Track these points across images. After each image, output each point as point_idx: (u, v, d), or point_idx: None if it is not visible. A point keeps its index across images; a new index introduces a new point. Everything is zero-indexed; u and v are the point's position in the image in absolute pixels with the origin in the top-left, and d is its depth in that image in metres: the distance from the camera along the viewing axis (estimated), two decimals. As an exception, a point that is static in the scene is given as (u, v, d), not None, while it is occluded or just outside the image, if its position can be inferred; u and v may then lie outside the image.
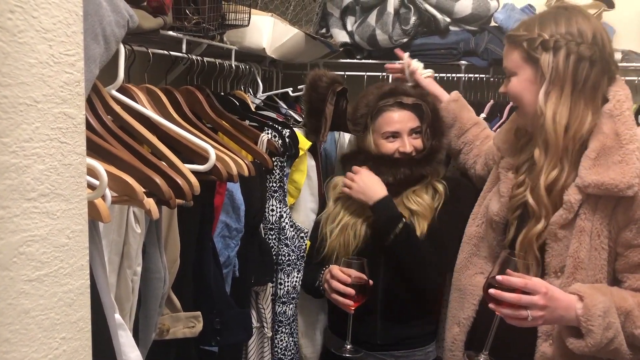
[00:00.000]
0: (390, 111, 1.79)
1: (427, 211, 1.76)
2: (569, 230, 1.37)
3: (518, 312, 1.27)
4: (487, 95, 2.48)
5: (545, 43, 1.36)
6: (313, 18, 2.38)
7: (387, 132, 1.78)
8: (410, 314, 1.80)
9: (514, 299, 1.27)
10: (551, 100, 1.36)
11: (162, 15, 1.40)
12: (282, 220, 1.73)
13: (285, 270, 1.77)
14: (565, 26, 1.37)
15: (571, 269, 1.36)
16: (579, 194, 1.35)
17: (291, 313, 1.80)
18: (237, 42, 1.91)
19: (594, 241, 1.35)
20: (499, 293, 1.28)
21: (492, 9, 2.37)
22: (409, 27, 2.35)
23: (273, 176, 1.70)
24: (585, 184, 1.33)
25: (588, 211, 1.35)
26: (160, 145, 1.19)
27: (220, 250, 1.47)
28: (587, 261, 1.35)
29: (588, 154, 1.35)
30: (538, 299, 1.26)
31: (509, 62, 1.45)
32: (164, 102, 1.41)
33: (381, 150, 1.79)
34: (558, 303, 1.28)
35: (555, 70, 1.35)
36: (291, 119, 2.01)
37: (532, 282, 1.28)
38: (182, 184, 1.08)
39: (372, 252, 1.74)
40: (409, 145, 1.77)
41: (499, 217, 1.52)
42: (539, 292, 1.26)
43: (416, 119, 1.80)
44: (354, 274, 1.60)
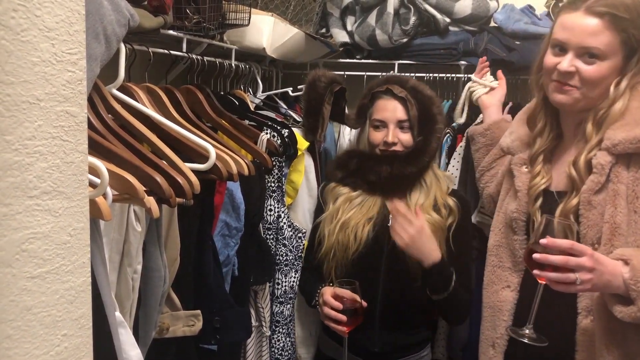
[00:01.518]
0: (382, 99, 1.79)
1: (438, 230, 1.72)
2: (603, 195, 1.31)
3: (566, 276, 1.19)
4: (486, 95, 2.48)
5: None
6: (313, 18, 2.39)
7: (375, 120, 1.77)
8: (408, 321, 1.78)
9: (561, 261, 1.18)
10: (629, 91, 1.32)
11: (162, 14, 1.41)
12: (280, 220, 1.73)
13: (282, 270, 1.77)
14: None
15: (608, 236, 1.29)
16: (608, 156, 1.30)
17: (288, 313, 1.80)
18: (237, 41, 1.92)
19: (631, 204, 1.28)
20: (545, 256, 1.19)
21: (492, 10, 2.38)
22: (409, 27, 2.35)
23: (271, 176, 1.71)
24: (614, 142, 1.29)
25: (620, 173, 1.30)
26: (161, 144, 1.20)
27: (220, 249, 1.47)
28: (625, 226, 1.28)
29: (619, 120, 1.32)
30: (586, 260, 1.18)
31: (602, 42, 1.32)
32: (164, 101, 1.41)
33: (369, 138, 1.78)
34: (605, 267, 1.20)
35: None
36: (290, 118, 2.01)
37: (579, 245, 1.21)
38: (182, 183, 1.09)
39: (373, 257, 1.72)
40: (392, 136, 1.73)
41: (519, 214, 1.46)
42: (586, 253, 1.18)
43: (405, 111, 1.76)
44: (347, 296, 1.59)
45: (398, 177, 1.73)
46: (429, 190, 1.77)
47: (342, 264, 1.74)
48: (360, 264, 1.72)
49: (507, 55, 2.28)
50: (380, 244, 1.73)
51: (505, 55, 2.28)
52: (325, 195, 1.84)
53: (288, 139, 1.73)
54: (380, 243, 1.73)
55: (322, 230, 1.78)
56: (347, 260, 1.72)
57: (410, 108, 1.75)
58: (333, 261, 1.75)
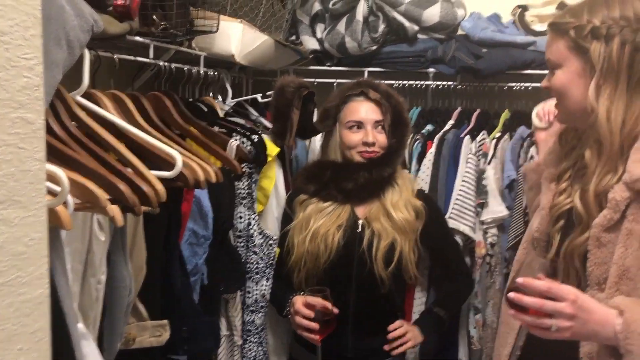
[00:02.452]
0: (356, 101, 1.82)
1: (411, 229, 1.78)
2: (615, 234, 1.18)
3: (540, 321, 1.11)
4: (454, 102, 2.51)
5: (596, 30, 1.19)
6: (283, 25, 2.38)
7: (351, 122, 1.79)
8: (380, 326, 1.79)
9: (535, 304, 1.10)
10: (604, 96, 1.19)
11: (128, 20, 1.38)
12: (251, 228, 1.72)
13: (253, 279, 1.75)
14: (619, 10, 1.19)
15: (615, 279, 1.17)
16: (626, 192, 1.17)
17: (260, 322, 1.78)
18: (206, 48, 1.90)
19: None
20: (519, 297, 1.11)
21: (459, 18, 2.41)
22: (378, 35, 2.36)
23: (241, 183, 1.69)
24: (634, 178, 1.15)
25: (637, 212, 1.16)
26: (126, 152, 1.18)
27: (188, 257, 1.45)
28: (636, 270, 1.16)
29: (638, 146, 1.17)
30: (564, 307, 1.09)
31: (553, 53, 1.28)
32: (130, 108, 1.39)
33: (345, 141, 1.80)
34: (591, 315, 1.10)
35: (608, 62, 1.18)
36: (260, 125, 2.00)
37: (558, 287, 1.11)
38: (147, 191, 1.07)
39: (344, 264, 1.73)
40: (371, 136, 1.77)
41: (540, 233, 1.35)
42: (567, 299, 1.09)
43: (380, 113, 1.81)
44: (319, 304, 1.59)
45: (376, 181, 1.76)
46: (400, 190, 1.81)
47: (313, 273, 1.74)
48: (331, 271, 1.72)
49: (474, 63, 2.30)
50: (351, 250, 1.74)
51: (472, 63, 2.31)
52: (294, 206, 1.84)
53: (258, 145, 1.72)
54: (351, 250, 1.74)
55: (291, 239, 1.78)
56: (319, 269, 1.73)
57: (384, 111, 1.78)
58: (304, 270, 1.75)
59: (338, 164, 1.82)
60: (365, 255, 1.72)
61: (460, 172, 2.18)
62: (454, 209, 2.12)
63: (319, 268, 1.73)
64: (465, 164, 2.18)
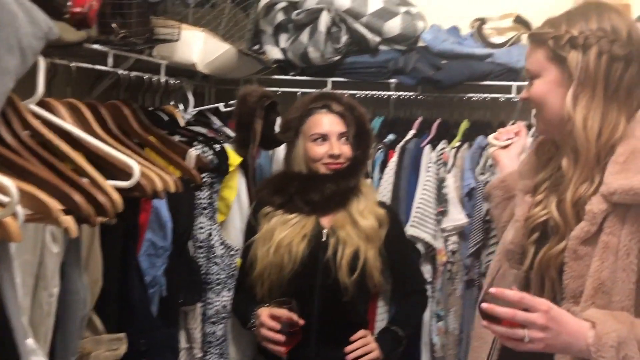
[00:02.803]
0: (319, 114, 1.83)
1: (375, 236, 1.79)
2: (592, 246, 1.18)
3: (513, 331, 1.09)
4: (416, 112, 2.54)
5: (574, 40, 1.20)
6: (245, 34, 2.38)
7: (315, 134, 1.80)
8: (344, 335, 1.78)
9: (507, 315, 1.09)
10: (581, 104, 1.20)
11: (86, 28, 1.36)
12: (212, 238, 1.70)
13: (214, 290, 1.73)
14: (596, 22, 1.20)
15: (591, 292, 1.16)
16: (603, 203, 1.16)
17: (221, 333, 1.76)
18: (167, 56, 1.88)
19: (621, 260, 1.15)
20: (491, 307, 1.10)
21: (420, 30, 2.45)
22: (340, 46, 2.38)
23: (202, 193, 1.68)
24: (611, 190, 1.15)
25: (615, 224, 1.16)
26: (82, 162, 1.16)
27: (146, 269, 1.43)
28: (611, 284, 1.15)
29: (615, 158, 1.17)
30: (537, 317, 1.08)
31: (531, 63, 1.29)
32: (87, 117, 1.37)
33: (310, 154, 1.80)
34: (564, 327, 1.10)
35: (585, 71, 1.19)
36: (223, 134, 1.99)
37: (531, 297, 1.11)
38: (103, 201, 1.05)
39: (308, 274, 1.73)
40: (337, 148, 1.78)
41: (514, 245, 1.33)
42: (539, 309, 1.09)
43: (344, 125, 1.82)
44: (284, 316, 1.59)
45: (342, 191, 1.77)
46: (366, 198, 1.84)
47: (278, 284, 1.74)
48: (295, 281, 1.72)
49: (434, 74, 2.34)
50: (315, 259, 1.74)
51: (432, 74, 2.35)
52: (258, 218, 1.83)
53: (219, 154, 1.71)
54: (315, 259, 1.74)
55: (255, 252, 1.78)
56: (283, 280, 1.72)
57: (348, 123, 1.79)
58: (267, 282, 1.74)
59: (304, 176, 1.82)
60: (330, 263, 1.72)
61: (421, 180, 2.21)
62: (415, 217, 2.14)
63: (283, 279, 1.72)
64: (425, 172, 2.21)
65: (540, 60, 1.26)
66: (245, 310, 1.76)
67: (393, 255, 1.85)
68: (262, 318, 1.62)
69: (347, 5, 2.38)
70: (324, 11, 2.36)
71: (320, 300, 1.74)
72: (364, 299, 1.87)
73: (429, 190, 2.17)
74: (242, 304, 1.80)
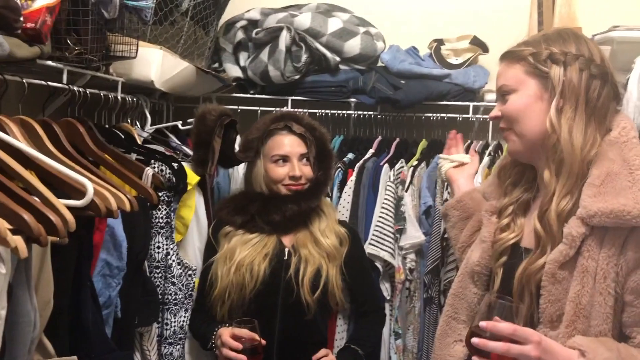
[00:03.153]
0: (280, 135, 1.83)
1: (337, 254, 1.80)
2: (569, 270, 1.18)
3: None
4: (375, 131, 2.58)
5: (555, 56, 1.23)
6: (205, 52, 2.38)
7: (276, 155, 1.80)
8: (306, 354, 1.77)
9: (502, 349, 1.08)
10: (565, 116, 1.21)
11: (39, 44, 1.34)
12: (169, 258, 1.68)
13: (172, 310, 1.70)
14: (575, 45, 1.25)
15: (571, 317, 1.16)
16: (582, 227, 1.16)
17: (178, 354, 1.73)
18: (125, 74, 1.87)
19: (598, 284, 1.15)
20: (484, 342, 1.09)
21: (379, 50, 2.49)
22: (301, 65, 2.40)
23: (159, 212, 1.65)
24: (590, 213, 1.15)
25: (593, 248, 1.16)
26: (33, 180, 1.13)
27: (101, 289, 1.40)
28: (590, 308, 1.15)
29: (592, 181, 1.18)
30: (530, 349, 1.08)
31: (508, 79, 1.30)
32: (40, 134, 1.34)
33: (271, 175, 1.80)
34: (554, 356, 1.10)
35: (568, 84, 1.21)
36: (180, 152, 1.97)
37: (523, 330, 1.10)
38: (55, 220, 1.03)
39: (270, 293, 1.72)
40: (298, 170, 1.79)
41: (481, 267, 1.34)
42: (531, 341, 1.08)
43: (305, 146, 1.83)
44: (246, 335, 1.57)
45: (304, 212, 1.77)
46: (327, 217, 1.85)
47: (238, 304, 1.72)
48: (257, 301, 1.72)
49: (393, 94, 2.38)
50: (277, 278, 1.74)
51: (391, 94, 2.39)
52: (218, 238, 1.82)
53: (177, 172, 1.69)
54: (277, 277, 1.74)
55: (215, 271, 1.76)
56: (245, 299, 1.71)
57: (309, 144, 1.80)
58: (228, 302, 1.73)
59: (265, 197, 1.82)
60: (292, 282, 1.72)
61: (379, 199, 2.23)
62: (374, 235, 2.16)
63: (244, 298, 1.71)
64: (384, 191, 2.23)
65: (518, 75, 1.28)
66: (205, 330, 1.74)
67: (352, 274, 1.85)
68: (224, 338, 1.60)
69: (307, 24, 2.41)
70: (284, 30, 2.38)
71: (282, 319, 1.73)
72: (324, 317, 1.87)
73: (387, 209, 2.19)
74: (202, 325, 1.78)
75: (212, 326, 1.72)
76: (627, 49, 2.36)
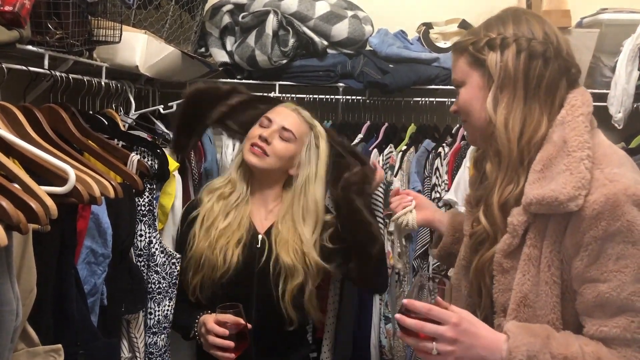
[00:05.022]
0: (284, 106, 1.80)
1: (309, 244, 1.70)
2: (516, 259, 1.16)
3: (422, 343, 1.10)
4: (364, 116, 2.57)
5: (492, 42, 1.20)
6: (191, 37, 2.35)
7: (264, 117, 1.75)
8: (284, 343, 1.74)
9: (416, 326, 1.10)
10: (502, 105, 1.18)
11: (17, 28, 1.31)
12: (152, 246, 1.65)
13: (155, 299, 1.67)
14: (513, 25, 1.21)
15: (514, 306, 1.15)
16: (523, 215, 1.15)
17: (162, 344, 1.70)
18: (109, 59, 1.84)
19: (543, 273, 1.13)
20: (402, 318, 1.12)
21: (367, 34, 2.47)
22: (288, 49, 2.38)
23: (142, 199, 1.62)
24: (527, 201, 1.13)
25: (535, 236, 1.15)
26: (13, 167, 1.11)
27: (86, 277, 1.38)
28: (534, 297, 1.14)
29: (534, 166, 1.16)
30: (445, 330, 1.09)
31: (456, 72, 1.28)
32: (21, 120, 1.31)
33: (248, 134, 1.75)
34: (476, 340, 1.10)
35: (505, 70, 1.18)
36: (160, 138, 1.94)
37: (439, 310, 1.11)
38: (35, 208, 1.01)
39: (243, 282, 1.67)
40: (270, 133, 1.69)
41: (466, 261, 1.33)
42: (448, 322, 1.09)
43: (298, 127, 1.74)
44: (230, 320, 1.54)
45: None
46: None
47: (209, 283, 1.67)
48: (230, 289, 1.66)
49: (381, 78, 2.37)
50: (250, 267, 1.69)
51: (379, 78, 2.37)
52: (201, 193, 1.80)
53: (159, 159, 1.67)
54: (250, 267, 1.69)
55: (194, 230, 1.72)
56: (215, 280, 1.66)
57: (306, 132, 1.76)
58: (200, 274, 1.67)
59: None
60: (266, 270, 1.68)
61: (368, 184, 2.22)
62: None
63: (215, 279, 1.65)
64: (373, 176, 2.22)
65: (462, 68, 1.26)
66: (186, 321, 1.69)
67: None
68: (209, 325, 1.56)
69: (294, 8, 2.38)
70: (270, 14, 2.35)
71: (258, 309, 1.68)
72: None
73: (376, 194, 2.18)
74: (183, 315, 1.72)
75: (194, 314, 1.68)
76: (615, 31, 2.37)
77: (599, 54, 2.44)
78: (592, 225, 1.07)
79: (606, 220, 1.06)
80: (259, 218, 1.77)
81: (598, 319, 1.10)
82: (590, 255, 1.09)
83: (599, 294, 1.08)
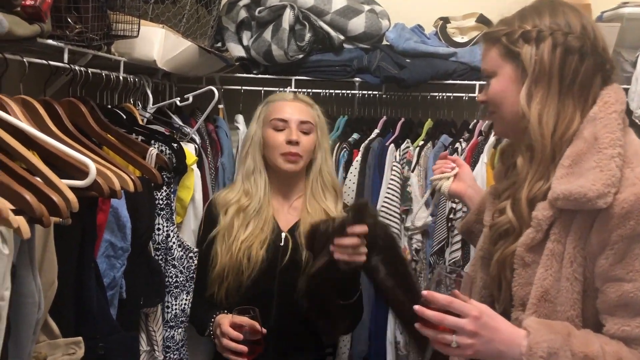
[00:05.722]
0: (283, 100, 1.79)
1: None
2: (538, 254, 1.15)
3: (442, 335, 1.10)
4: (380, 111, 2.56)
5: (527, 34, 1.17)
6: (208, 31, 2.35)
7: (275, 119, 1.73)
8: (301, 343, 1.74)
9: (436, 318, 1.09)
10: (536, 100, 1.16)
11: (38, 22, 1.32)
12: (169, 240, 1.65)
13: (172, 293, 1.68)
14: (550, 17, 1.18)
15: (534, 300, 1.14)
16: (549, 210, 1.13)
17: (180, 338, 1.70)
18: (127, 53, 1.84)
19: (565, 269, 1.12)
20: (422, 309, 1.10)
21: (384, 28, 2.45)
22: (304, 44, 2.37)
23: (160, 193, 1.63)
24: (554, 196, 1.12)
25: (560, 231, 1.13)
26: (35, 160, 1.11)
27: (105, 271, 1.39)
28: (555, 293, 1.13)
29: (562, 162, 1.14)
30: (466, 323, 1.08)
31: (487, 62, 1.26)
32: (42, 114, 1.32)
33: (269, 142, 1.74)
34: (496, 334, 1.09)
35: (540, 64, 1.16)
36: (178, 132, 1.94)
37: (460, 303, 1.10)
38: (57, 201, 1.01)
39: (266, 281, 1.68)
40: (295, 134, 1.70)
41: (483, 252, 1.32)
42: (469, 315, 1.08)
43: (310, 114, 1.75)
44: (247, 324, 1.53)
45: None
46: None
47: (235, 287, 1.67)
48: (253, 288, 1.67)
49: (398, 73, 2.35)
50: (273, 266, 1.69)
51: (396, 73, 2.36)
52: (218, 207, 1.78)
53: (177, 153, 1.67)
54: (273, 265, 1.69)
55: (215, 249, 1.73)
56: (242, 284, 1.66)
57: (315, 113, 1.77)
58: (225, 283, 1.68)
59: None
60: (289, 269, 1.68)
61: (385, 180, 2.22)
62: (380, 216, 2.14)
63: (242, 283, 1.66)
64: (390, 171, 2.22)
65: (494, 59, 1.23)
66: (203, 317, 1.70)
67: None
68: (224, 328, 1.56)
69: (310, 2, 2.37)
70: (287, 8, 2.34)
71: (278, 309, 1.68)
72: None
73: (393, 190, 2.18)
74: (199, 310, 1.74)
75: (210, 312, 1.68)
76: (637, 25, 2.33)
77: (620, 49, 2.40)
78: (620, 224, 1.06)
79: (635, 219, 1.05)
80: (282, 215, 1.78)
81: (620, 318, 1.09)
82: (617, 254, 1.07)
83: (622, 293, 1.07)
